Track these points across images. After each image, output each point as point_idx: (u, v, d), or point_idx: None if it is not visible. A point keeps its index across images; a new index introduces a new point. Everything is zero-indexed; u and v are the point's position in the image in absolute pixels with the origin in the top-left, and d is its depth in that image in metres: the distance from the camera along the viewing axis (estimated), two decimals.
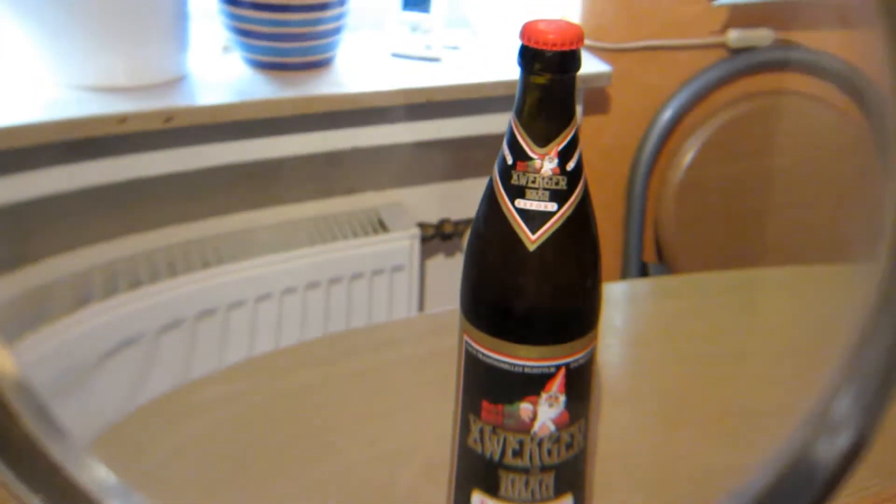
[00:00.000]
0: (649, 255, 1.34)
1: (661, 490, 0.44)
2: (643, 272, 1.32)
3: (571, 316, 0.36)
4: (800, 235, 1.33)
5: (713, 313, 0.59)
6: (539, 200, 0.35)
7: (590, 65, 1.13)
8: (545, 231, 0.35)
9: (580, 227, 0.36)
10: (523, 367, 0.35)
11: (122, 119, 0.85)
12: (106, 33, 0.87)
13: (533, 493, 0.36)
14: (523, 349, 0.35)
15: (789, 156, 1.30)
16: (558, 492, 0.37)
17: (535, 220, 0.35)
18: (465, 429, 0.37)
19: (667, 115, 1.26)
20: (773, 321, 0.58)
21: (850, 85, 1.32)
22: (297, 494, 0.43)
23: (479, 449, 0.37)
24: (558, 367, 0.35)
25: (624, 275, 1.34)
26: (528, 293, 0.36)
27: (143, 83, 0.90)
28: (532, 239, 0.35)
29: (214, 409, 0.49)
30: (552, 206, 0.35)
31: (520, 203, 0.35)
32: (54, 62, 0.88)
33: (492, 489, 0.37)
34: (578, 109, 1.20)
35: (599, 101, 1.23)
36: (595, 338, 0.37)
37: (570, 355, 0.36)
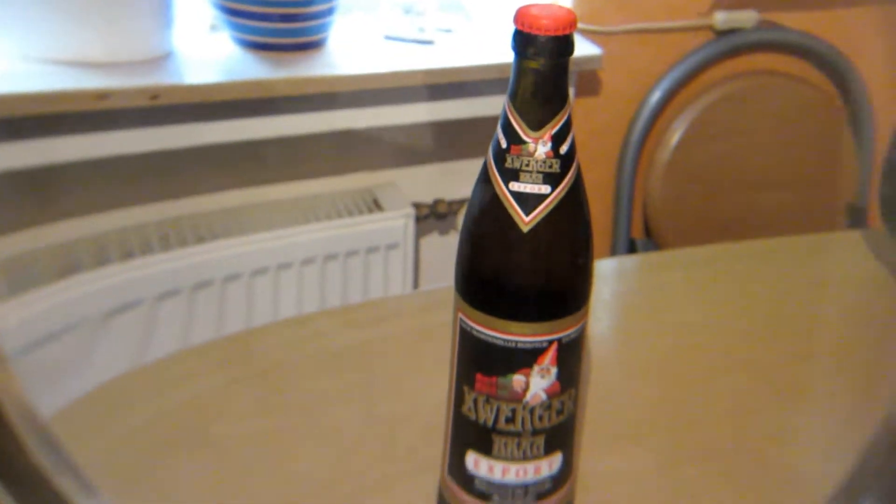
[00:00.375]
0: (637, 232, 1.36)
1: (647, 439, 0.46)
2: (632, 248, 1.33)
3: (563, 294, 0.37)
4: (782, 209, 1.36)
5: (699, 285, 0.61)
6: (533, 183, 0.35)
7: (581, 48, 1.13)
8: (539, 213, 0.35)
9: (573, 208, 0.36)
10: (516, 342, 0.36)
11: (102, 95, 0.82)
12: (79, 4, 0.83)
13: (524, 452, 0.37)
14: (517, 326, 0.36)
15: (772, 134, 1.32)
16: (548, 451, 0.38)
17: (528, 202, 0.35)
18: (459, 398, 0.38)
19: (655, 96, 1.27)
20: (755, 290, 0.60)
21: (831, 65, 1.34)
22: (296, 452, 0.44)
23: (473, 416, 0.37)
24: (550, 342, 0.36)
25: (613, 251, 1.35)
26: (521, 273, 0.36)
27: (124, 59, 0.87)
28: (526, 221, 0.35)
29: (216, 375, 0.50)
30: (545, 189, 0.35)
31: (514, 186, 0.35)
32: (21, 33, 0.84)
33: (485, 450, 0.37)
34: (571, 92, 1.20)
35: (590, 83, 1.23)
36: (587, 313, 0.38)
37: (562, 331, 0.36)
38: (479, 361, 0.37)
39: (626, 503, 0.43)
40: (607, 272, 0.63)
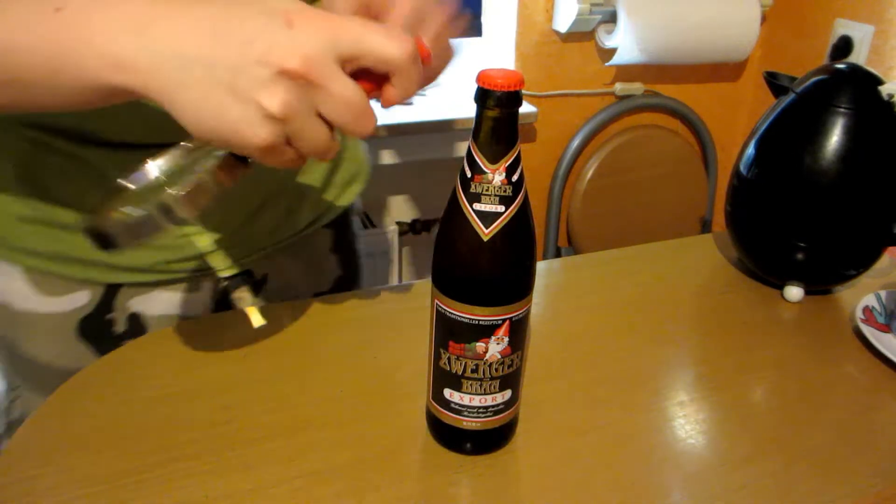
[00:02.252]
0: (562, 241, 1.40)
1: (568, 376, 0.47)
2: (558, 253, 1.37)
3: (513, 286, 0.36)
4: (660, 221, 1.41)
5: (605, 278, 0.62)
6: (491, 204, 0.34)
7: (522, 107, 1.16)
8: (496, 227, 0.35)
9: (521, 222, 0.36)
10: (479, 320, 0.36)
11: None
12: None
13: (485, 389, 0.38)
14: (479, 309, 0.36)
15: (654, 170, 1.37)
16: (501, 389, 0.39)
17: (488, 218, 0.34)
18: (437, 356, 0.38)
19: (575, 142, 1.31)
20: (644, 278, 0.62)
21: (691, 122, 1.40)
22: (320, 386, 0.45)
23: (448, 368, 0.38)
24: (504, 320, 0.36)
25: (544, 255, 1.39)
26: (483, 272, 0.36)
27: None
28: (486, 233, 0.35)
29: (253, 333, 0.50)
30: (501, 208, 0.34)
31: (476, 206, 0.34)
32: None
33: (457, 388, 0.38)
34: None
35: (528, 133, 1.26)
36: (531, 299, 0.38)
37: (512, 312, 0.36)
38: (452, 333, 0.37)
39: (553, 412, 0.45)
40: (541, 271, 0.64)
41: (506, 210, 0.34)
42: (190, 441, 0.42)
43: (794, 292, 0.60)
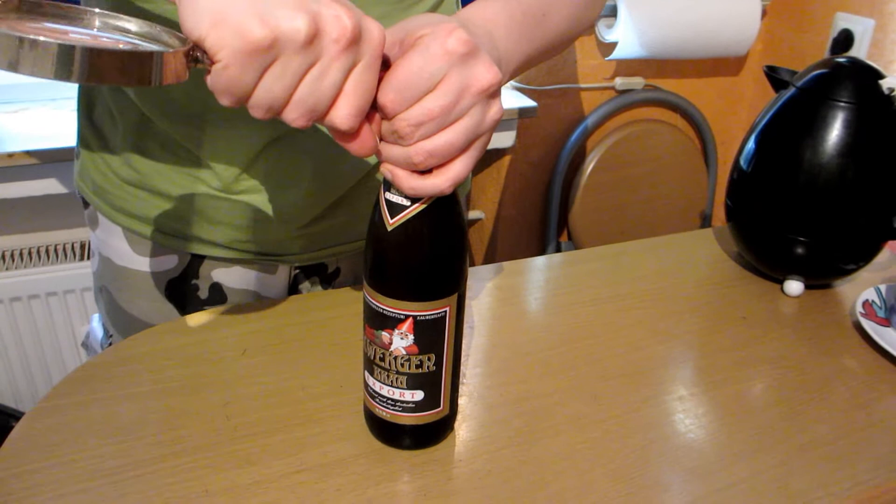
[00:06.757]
0: (563, 236, 1.40)
1: (570, 370, 0.47)
2: (558, 248, 1.37)
3: (415, 284, 0.36)
4: (659, 216, 1.40)
5: (605, 272, 0.62)
6: (399, 196, 0.34)
7: (521, 101, 1.14)
8: (399, 219, 0.34)
9: (431, 220, 0.35)
10: (383, 309, 0.36)
11: None
12: None
13: (392, 382, 0.38)
14: (383, 298, 0.36)
15: (653, 163, 1.36)
16: (409, 387, 0.38)
17: (395, 209, 0.34)
18: (363, 338, 0.39)
19: (575, 137, 1.30)
20: (643, 272, 0.61)
21: (691, 116, 1.39)
22: (320, 381, 0.44)
23: (366, 350, 0.39)
24: (407, 316, 0.36)
25: (545, 251, 1.39)
26: (385, 261, 0.36)
27: None
28: (390, 222, 0.35)
29: (253, 328, 0.50)
30: (407, 202, 0.34)
31: (388, 195, 0.35)
32: None
33: (371, 372, 0.39)
34: (512, 135, 1.22)
35: (529, 127, 1.25)
36: (450, 304, 0.36)
37: (417, 310, 0.36)
38: (367, 318, 0.38)
39: (554, 407, 0.44)
40: (541, 266, 0.63)
41: (412, 205, 0.34)
42: (190, 436, 0.41)
43: (794, 287, 0.59)
